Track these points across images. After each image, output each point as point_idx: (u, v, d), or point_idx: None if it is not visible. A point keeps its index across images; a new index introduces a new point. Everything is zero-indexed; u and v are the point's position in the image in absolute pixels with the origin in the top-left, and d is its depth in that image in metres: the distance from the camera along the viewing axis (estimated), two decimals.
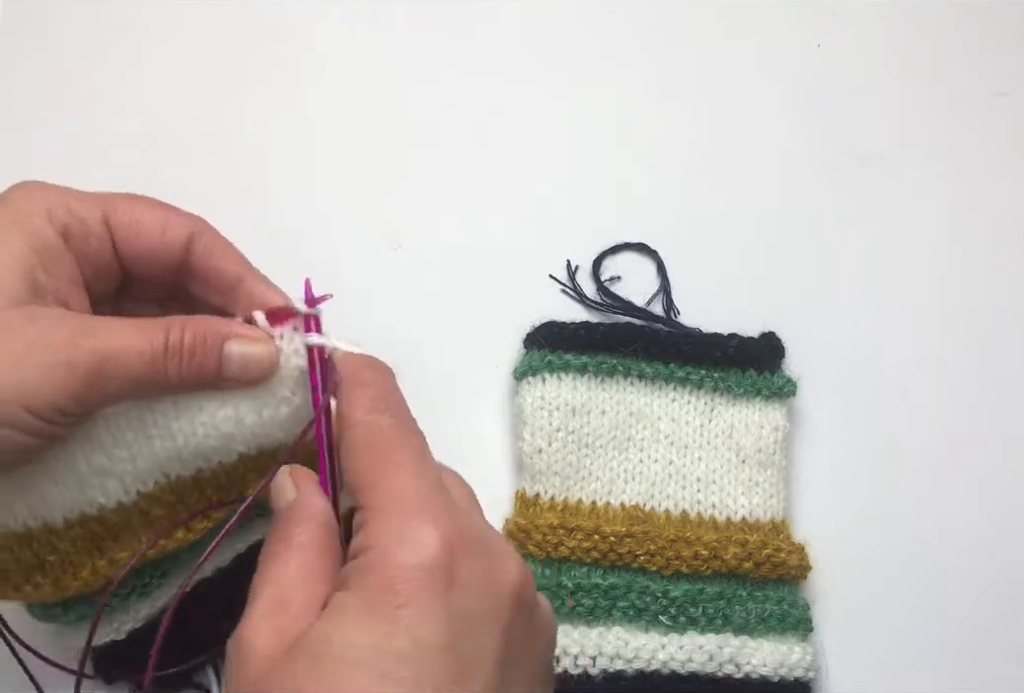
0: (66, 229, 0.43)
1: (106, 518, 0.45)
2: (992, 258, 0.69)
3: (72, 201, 0.44)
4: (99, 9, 0.69)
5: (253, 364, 0.43)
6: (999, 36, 0.74)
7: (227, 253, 0.46)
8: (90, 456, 0.43)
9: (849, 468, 0.64)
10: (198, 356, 0.41)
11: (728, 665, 0.57)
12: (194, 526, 0.47)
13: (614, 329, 0.63)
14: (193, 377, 0.42)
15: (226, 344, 0.42)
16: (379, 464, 0.39)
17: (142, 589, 0.50)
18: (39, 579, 0.45)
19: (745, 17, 0.73)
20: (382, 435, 0.40)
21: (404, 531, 0.36)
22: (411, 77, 0.70)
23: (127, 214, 0.44)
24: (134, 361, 0.40)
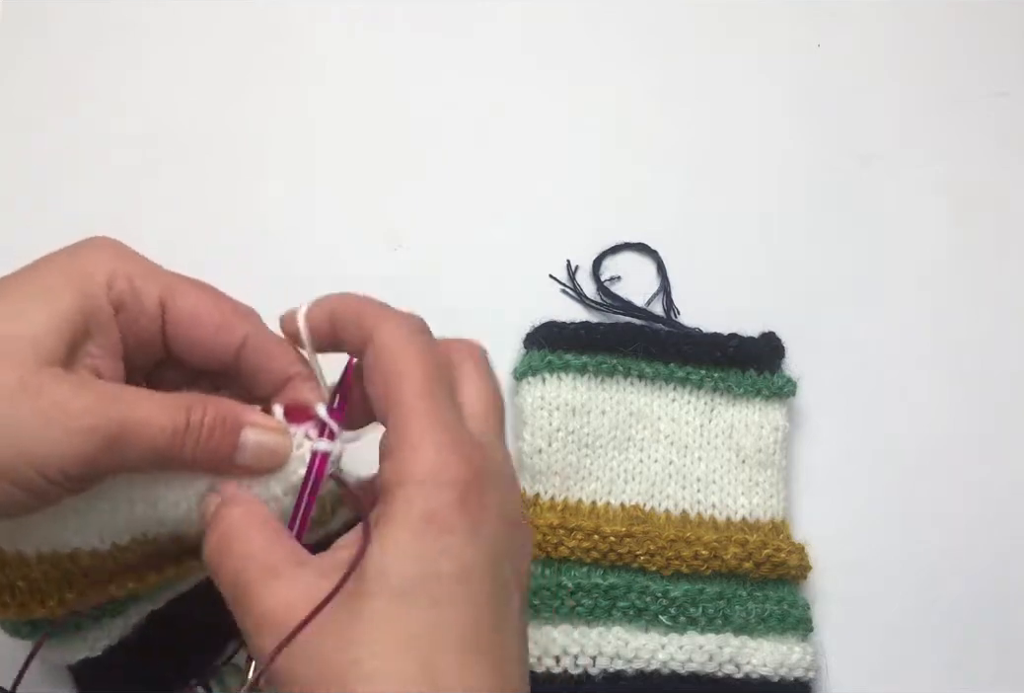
0: (120, 300, 0.42)
1: (78, 558, 0.44)
2: (992, 258, 0.69)
3: (135, 274, 0.43)
4: (99, 9, 0.69)
5: (266, 455, 0.42)
6: (999, 36, 0.74)
7: (280, 355, 0.46)
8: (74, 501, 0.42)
9: (849, 468, 0.64)
10: (215, 438, 0.41)
11: (728, 665, 0.57)
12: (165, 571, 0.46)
13: (614, 329, 0.63)
14: (207, 458, 0.41)
15: (243, 431, 0.42)
16: (403, 386, 0.40)
17: (114, 610, 0.49)
18: (7, 599, 0.44)
19: (745, 17, 0.73)
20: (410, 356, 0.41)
21: (437, 464, 0.38)
22: (411, 77, 0.70)
23: (186, 303, 0.44)
24: (155, 434, 0.40)
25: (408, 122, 0.69)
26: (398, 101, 0.69)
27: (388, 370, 0.41)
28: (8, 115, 0.67)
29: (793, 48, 0.73)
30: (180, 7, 0.69)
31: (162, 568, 0.46)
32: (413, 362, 0.41)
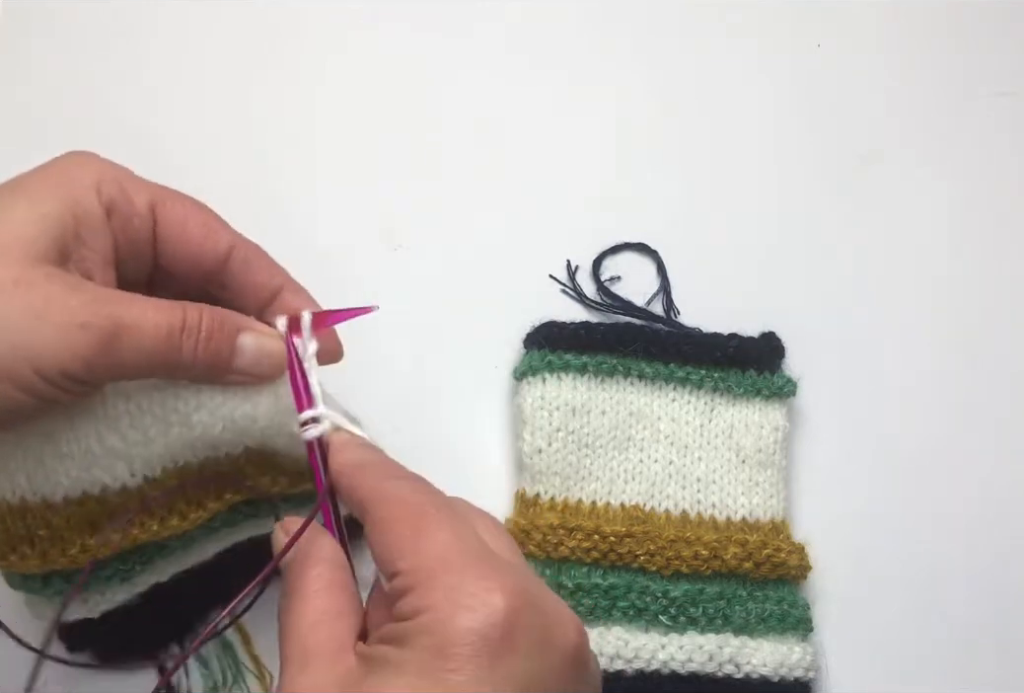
0: (112, 204, 0.42)
1: (107, 499, 0.45)
2: (993, 258, 0.69)
3: (125, 180, 0.43)
4: (100, 9, 0.69)
5: (265, 358, 0.43)
6: (999, 36, 0.74)
7: (267, 265, 0.46)
8: (104, 436, 0.43)
9: (849, 468, 0.64)
10: (214, 340, 0.41)
11: (728, 665, 0.57)
12: (189, 515, 0.47)
13: (614, 329, 0.63)
14: (206, 361, 0.41)
15: (241, 334, 0.42)
16: (415, 529, 0.37)
17: (124, 574, 0.49)
18: (26, 550, 0.45)
19: (745, 17, 0.73)
20: (409, 501, 0.39)
21: (460, 594, 0.35)
22: (411, 77, 0.70)
23: (175, 209, 0.44)
24: (150, 333, 0.39)
25: (408, 122, 0.69)
26: (398, 102, 0.69)
27: (388, 512, 0.38)
28: (8, 115, 0.67)
29: (793, 48, 0.73)
30: (181, 7, 0.69)
31: (185, 510, 0.46)
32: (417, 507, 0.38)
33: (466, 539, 0.37)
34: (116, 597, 0.51)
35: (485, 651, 0.34)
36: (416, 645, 0.35)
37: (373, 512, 0.39)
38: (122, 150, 0.66)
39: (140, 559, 0.49)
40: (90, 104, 0.68)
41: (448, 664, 0.34)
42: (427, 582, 0.36)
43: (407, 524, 0.38)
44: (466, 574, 0.36)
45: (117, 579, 0.50)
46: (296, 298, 0.46)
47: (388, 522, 0.38)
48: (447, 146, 0.69)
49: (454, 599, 0.35)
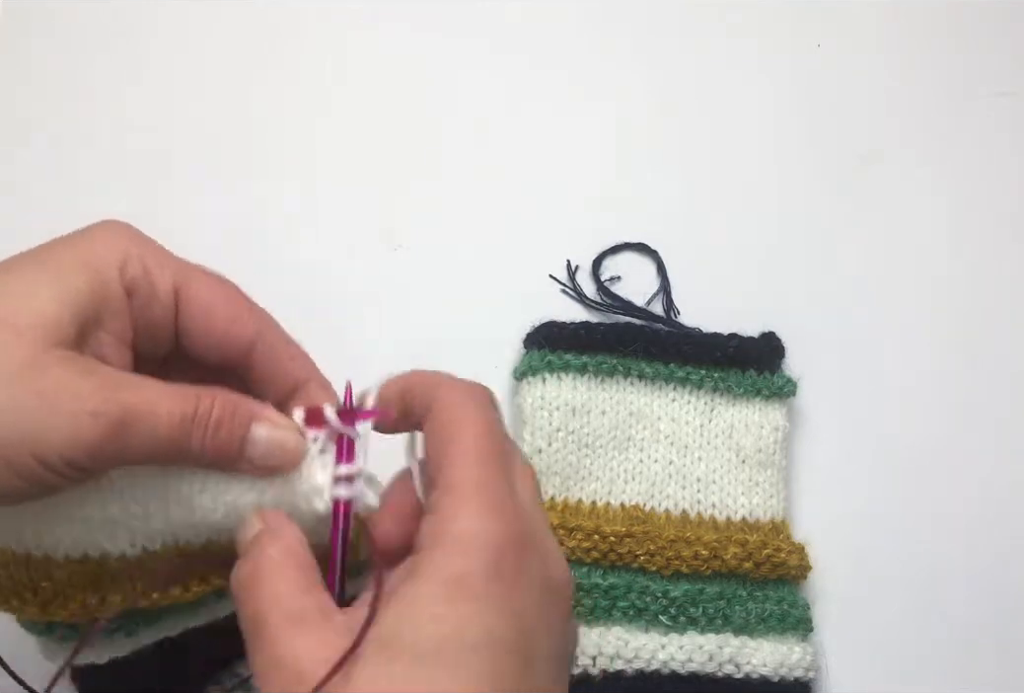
0: (133, 286, 0.42)
1: (107, 563, 0.44)
2: (993, 258, 0.69)
3: (150, 259, 0.42)
4: (100, 9, 0.69)
5: (277, 451, 0.41)
6: (999, 36, 0.74)
7: (292, 356, 0.45)
8: (106, 504, 0.42)
9: (849, 468, 0.64)
10: (224, 431, 0.40)
11: (728, 665, 0.57)
12: (191, 588, 0.45)
13: (614, 329, 0.63)
14: (215, 451, 0.40)
15: (254, 425, 0.41)
16: (454, 447, 0.39)
17: (129, 630, 0.49)
18: (29, 597, 0.44)
19: (745, 17, 0.73)
20: (479, 419, 0.41)
21: (476, 526, 0.37)
22: (411, 77, 0.70)
23: (200, 292, 0.43)
24: (162, 422, 0.39)
25: (408, 122, 0.69)
26: (398, 102, 0.69)
27: (444, 430, 0.40)
28: (8, 115, 0.67)
29: (793, 48, 0.73)
30: (182, 8, 0.69)
31: (188, 583, 0.45)
32: (470, 425, 0.40)
33: (496, 472, 0.39)
34: (124, 648, 0.50)
35: (499, 581, 0.36)
36: (434, 575, 0.36)
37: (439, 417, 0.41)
38: (122, 150, 0.67)
39: (144, 620, 0.48)
40: (90, 104, 0.68)
41: (469, 592, 0.36)
42: (448, 507, 0.38)
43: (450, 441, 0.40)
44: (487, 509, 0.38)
45: (122, 633, 0.49)
46: (321, 392, 0.45)
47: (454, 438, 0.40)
48: (447, 146, 0.69)
49: (470, 530, 0.37)
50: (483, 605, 0.35)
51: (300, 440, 0.42)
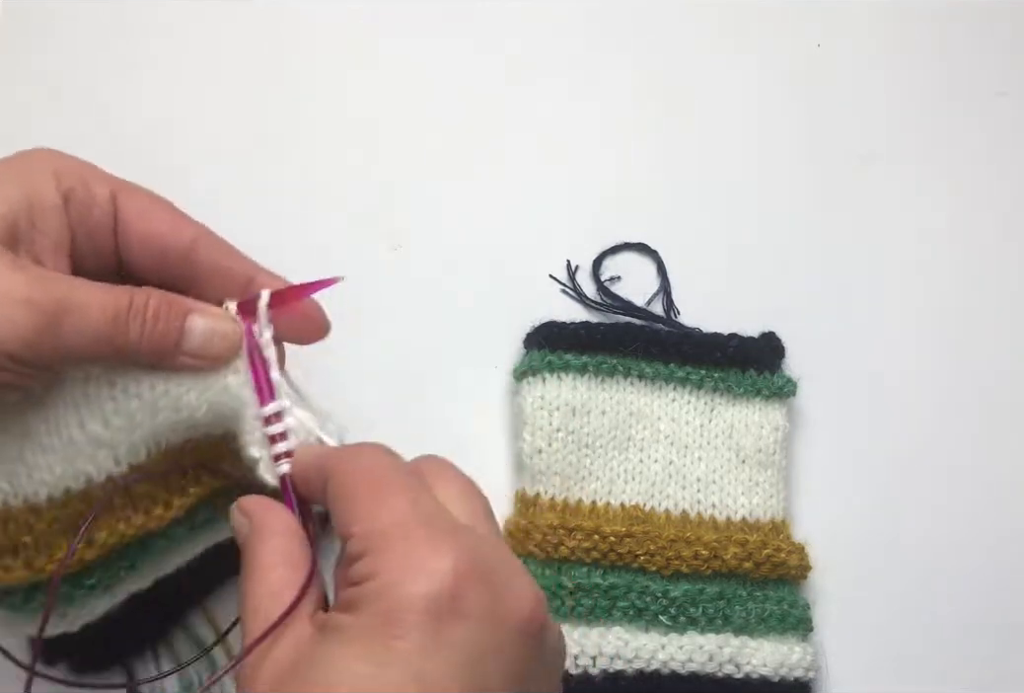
0: (70, 192, 0.42)
1: (91, 494, 0.44)
2: (992, 258, 0.69)
3: (86, 172, 0.43)
4: (100, 9, 0.69)
5: (216, 338, 0.42)
6: (999, 36, 0.74)
7: (234, 254, 0.46)
8: (86, 424, 0.42)
9: (849, 468, 0.64)
10: (161, 321, 0.41)
11: (728, 665, 0.57)
12: (172, 503, 0.46)
13: (614, 329, 0.63)
14: (153, 344, 0.41)
15: (189, 316, 0.42)
16: (372, 493, 0.38)
17: (108, 582, 0.48)
18: (10, 562, 0.44)
19: (745, 17, 0.73)
20: (366, 468, 0.39)
21: (410, 559, 0.35)
22: (411, 77, 0.70)
23: (138, 202, 0.44)
24: (95, 315, 0.39)
25: (408, 122, 0.69)
26: (399, 102, 0.69)
27: (347, 490, 0.39)
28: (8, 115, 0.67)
29: (793, 48, 0.73)
30: (181, 8, 0.69)
31: (169, 499, 0.46)
32: (368, 473, 0.39)
33: (422, 504, 0.37)
34: (96, 610, 0.49)
35: (431, 617, 0.34)
36: (365, 610, 0.35)
37: (333, 481, 0.39)
38: (122, 150, 0.66)
39: (124, 564, 0.48)
40: (90, 104, 0.67)
41: (394, 630, 0.34)
42: (380, 546, 0.36)
43: (363, 489, 0.38)
44: (418, 539, 0.36)
45: (100, 588, 0.48)
46: (273, 283, 0.45)
47: (346, 487, 0.39)
48: (447, 146, 0.69)
49: (403, 564, 0.35)
50: (411, 645, 0.34)
51: (236, 327, 0.42)
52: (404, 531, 0.36)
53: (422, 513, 0.37)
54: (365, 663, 0.34)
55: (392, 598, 0.34)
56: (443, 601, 0.34)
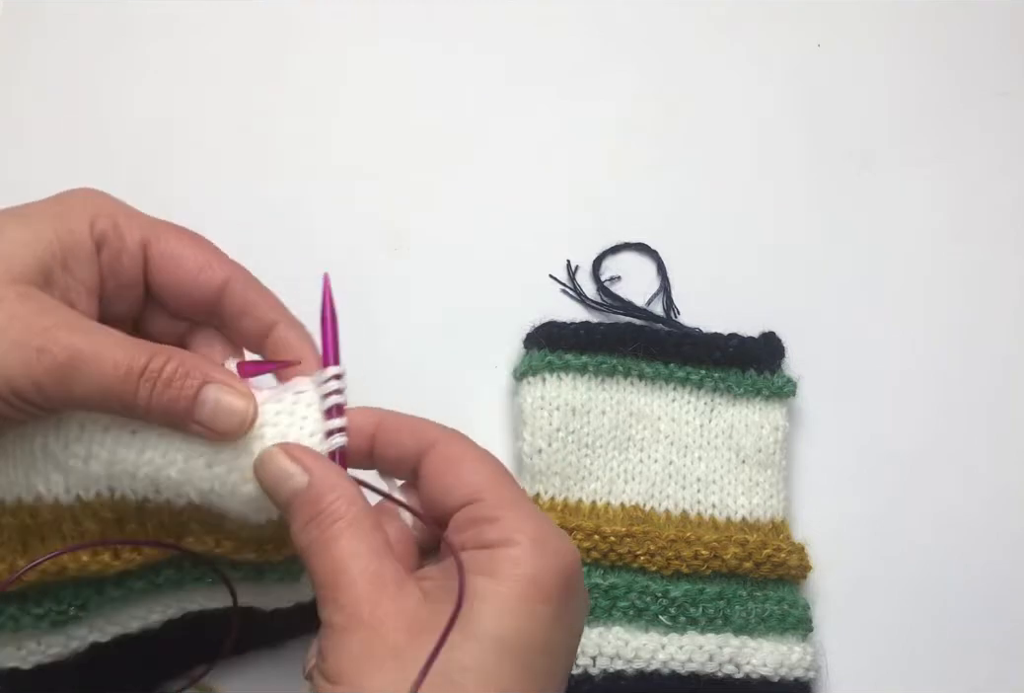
0: (103, 238, 0.43)
1: (39, 512, 0.44)
2: (993, 258, 0.69)
3: (120, 217, 0.44)
4: (100, 9, 0.69)
5: (224, 414, 0.41)
6: (999, 36, 0.74)
7: (263, 300, 0.46)
8: (48, 441, 0.42)
9: (849, 468, 0.64)
10: (173, 389, 0.40)
11: (728, 665, 0.57)
12: (122, 554, 0.45)
13: (614, 329, 0.63)
14: (162, 408, 0.40)
15: (205, 386, 0.41)
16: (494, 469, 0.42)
17: (56, 617, 0.47)
18: None
19: (745, 17, 0.73)
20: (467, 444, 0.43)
21: (548, 535, 0.39)
22: (413, 79, 0.70)
23: (168, 245, 0.44)
24: (107, 371, 0.39)
25: (410, 123, 0.69)
26: (400, 102, 0.69)
27: (465, 462, 0.42)
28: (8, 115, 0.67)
29: (793, 48, 0.73)
30: (181, 8, 0.69)
31: (119, 550, 0.45)
32: (494, 461, 0.42)
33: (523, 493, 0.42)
34: (50, 649, 0.49)
35: (564, 590, 0.38)
36: (509, 574, 0.38)
37: (439, 448, 0.42)
38: (122, 150, 0.67)
39: (74, 601, 0.47)
40: (90, 104, 0.67)
41: (542, 595, 0.38)
42: (516, 515, 0.39)
43: (479, 463, 0.41)
44: (541, 518, 0.40)
45: (47, 622, 0.47)
46: (291, 332, 0.45)
47: (459, 457, 0.42)
48: (448, 147, 0.69)
49: (544, 539, 0.39)
50: (551, 610, 0.38)
51: (251, 407, 0.42)
52: (530, 507, 0.40)
53: (525, 495, 0.42)
54: (514, 619, 0.37)
55: (538, 567, 0.38)
56: (572, 577, 0.39)
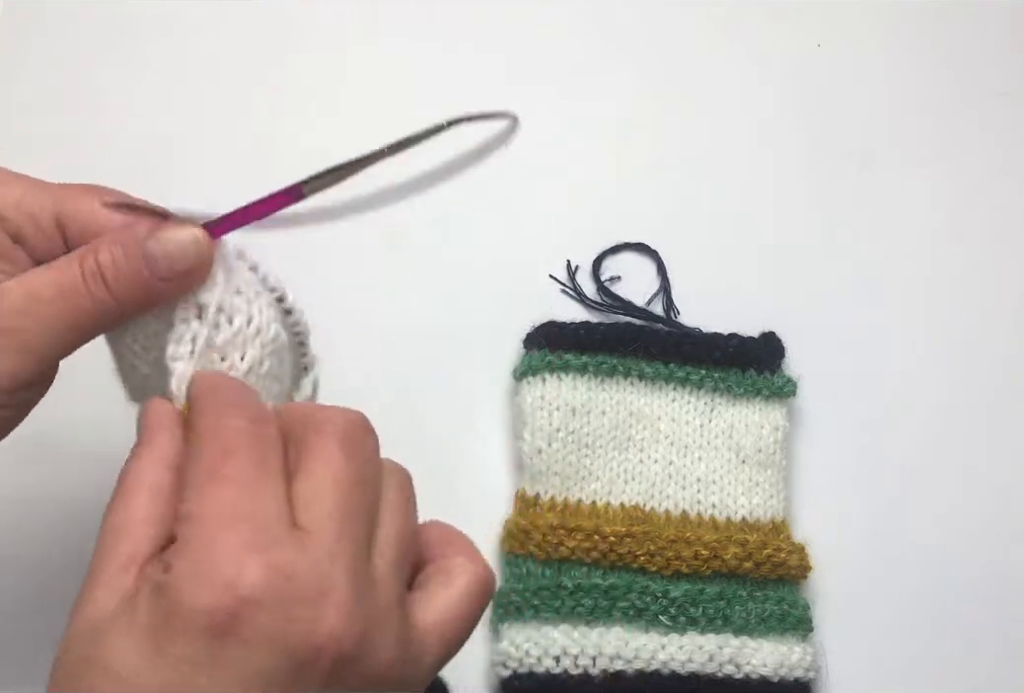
0: (18, 233, 0.42)
1: None
2: (993, 258, 0.69)
3: (25, 198, 0.42)
4: (100, 9, 0.69)
5: (179, 251, 0.40)
6: (999, 36, 0.74)
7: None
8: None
9: (849, 468, 0.64)
10: (122, 269, 0.39)
11: (728, 665, 0.57)
12: None
13: (614, 329, 0.63)
14: (129, 290, 0.39)
15: (145, 245, 0.40)
16: (215, 466, 0.34)
17: None
18: None
19: (745, 17, 0.73)
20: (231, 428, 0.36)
21: (209, 564, 0.32)
22: (412, 78, 0.70)
23: (80, 212, 0.43)
24: (52, 294, 0.39)
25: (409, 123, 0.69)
26: (398, 102, 0.69)
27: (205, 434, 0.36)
28: (8, 115, 0.67)
29: (793, 48, 0.73)
30: (181, 8, 0.69)
31: None
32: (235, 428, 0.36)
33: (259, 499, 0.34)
34: None
35: (208, 633, 0.31)
36: (152, 603, 0.32)
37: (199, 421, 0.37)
38: (122, 150, 0.67)
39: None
40: (90, 104, 0.68)
41: (169, 634, 0.31)
42: (191, 537, 0.33)
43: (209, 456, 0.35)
44: (227, 544, 0.32)
45: None
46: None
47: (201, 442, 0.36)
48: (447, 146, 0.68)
49: (198, 570, 0.32)
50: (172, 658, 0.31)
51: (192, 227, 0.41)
52: (218, 529, 0.33)
53: (252, 511, 0.34)
54: (137, 656, 0.32)
55: (175, 601, 0.32)
56: (222, 620, 0.31)
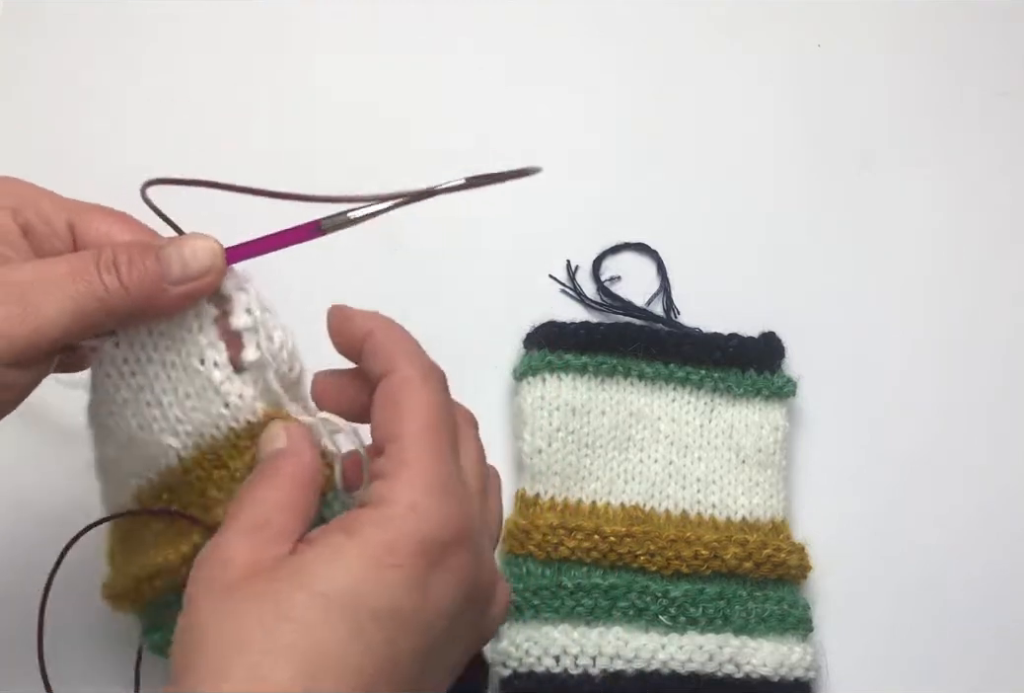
0: (28, 226, 0.43)
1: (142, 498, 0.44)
2: (993, 258, 0.69)
3: (43, 203, 0.43)
4: (100, 9, 0.69)
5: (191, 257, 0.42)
6: (999, 36, 0.74)
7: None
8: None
9: (849, 468, 0.64)
10: (136, 264, 0.40)
11: (728, 665, 0.57)
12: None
13: (614, 329, 0.63)
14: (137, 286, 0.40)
15: (160, 252, 0.41)
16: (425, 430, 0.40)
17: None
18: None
19: (745, 17, 0.73)
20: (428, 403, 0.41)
21: (422, 502, 0.37)
22: (412, 79, 0.70)
23: (95, 224, 0.44)
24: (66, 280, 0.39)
25: (409, 123, 0.69)
26: (398, 102, 0.69)
27: (402, 401, 0.40)
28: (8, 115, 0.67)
29: (793, 48, 0.73)
30: (181, 8, 0.69)
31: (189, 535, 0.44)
32: (428, 404, 0.41)
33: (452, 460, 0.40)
34: None
35: (424, 561, 0.36)
36: (366, 535, 0.36)
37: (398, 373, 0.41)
38: (122, 150, 0.67)
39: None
40: (90, 104, 0.68)
41: (391, 558, 0.36)
42: (411, 475, 0.38)
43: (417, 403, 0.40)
44: (436, 487, 0.38)
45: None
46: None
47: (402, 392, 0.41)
48: (447, 146, 0.69)
49: (423, 505, 0.37)
50: (399, 578, 0.36)
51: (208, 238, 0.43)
52: (434, 466, 0.38)
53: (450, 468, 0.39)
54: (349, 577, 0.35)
55: (398, 531, 0.36)
56: (435, 550, 0.37)
